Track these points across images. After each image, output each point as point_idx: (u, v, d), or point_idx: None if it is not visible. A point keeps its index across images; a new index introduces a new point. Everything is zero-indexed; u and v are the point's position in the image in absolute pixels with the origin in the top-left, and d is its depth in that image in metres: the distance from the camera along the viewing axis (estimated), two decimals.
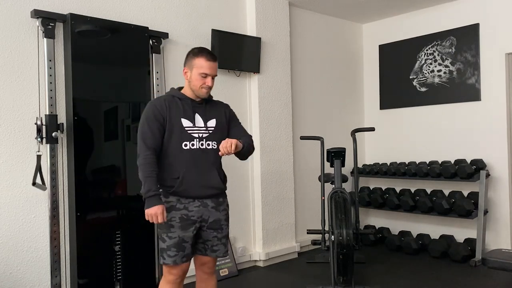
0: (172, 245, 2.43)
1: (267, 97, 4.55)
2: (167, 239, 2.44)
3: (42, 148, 3.14)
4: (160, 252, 2.50)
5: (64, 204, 3.28)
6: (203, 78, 2.48)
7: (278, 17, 4.67)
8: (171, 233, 2.44)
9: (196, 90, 2.51)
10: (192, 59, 2.50)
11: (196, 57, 2.49)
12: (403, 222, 5.33)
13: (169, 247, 2.43)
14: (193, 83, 2.50)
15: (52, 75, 3.21)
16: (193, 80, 2.49)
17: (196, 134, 2.51)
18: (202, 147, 2.50)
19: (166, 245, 2.44)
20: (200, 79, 2.48)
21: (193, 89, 2.52)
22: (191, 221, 2.47)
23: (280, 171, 4.64)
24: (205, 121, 2.55)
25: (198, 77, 2.48)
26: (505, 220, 4.59)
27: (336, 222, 3.55)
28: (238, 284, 3.97)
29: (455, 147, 4.92)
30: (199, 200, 2.50)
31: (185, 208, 2.46)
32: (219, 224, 2.56)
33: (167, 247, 2.44)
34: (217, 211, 2.56)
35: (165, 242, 2.45)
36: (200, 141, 2.50)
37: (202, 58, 2.48)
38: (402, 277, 4.00)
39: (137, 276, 3.52)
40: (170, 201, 2.47)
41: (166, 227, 2.44)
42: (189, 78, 2.51)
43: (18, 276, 3.11)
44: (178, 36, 3.98)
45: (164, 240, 2.45)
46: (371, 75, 5.78)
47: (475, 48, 4.77)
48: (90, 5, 3.44)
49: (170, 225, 2.44)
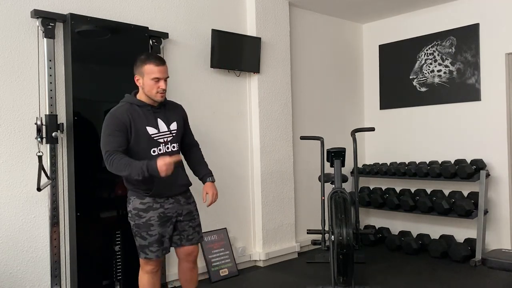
0: (153, 242, 2.66)
1: (267, 97, 4.55)
2: (148, 237, 2.66)
3: (42, 148, 3.14)
4: (139, 248, 2.71)
5: (64, 204, 3.28)
6: (156, 83, 2.61)
7: (278, 17, 4.67)
8: (151, 231, 2.66)
9: (152, 96, 2.64)
10: (141, 66, 2.64)
11: (144, 64, 2.62)
12: (403, 222, 5.33)
13: (151, 244, 2.66)
14: (147, 89, 2.63)
15: (52, 75, 3.21)
16: (146, 86, 2.63)
17: (162, 139, 2.69)
18: (168, 150, 2.70)
19: (148, 242, 2.66)
20: (153, 84, 2.61)
21: (148, 95, 2.65)
22: (167, 217, 2.71)
23: (280, 171, 4.64)
24: (168, 125, 2.73)
25: (151, 83, 2.61)
26: (505, 220, 4.59)
27: (336, 222, 3.55)
28: (238, 284, 3.97)
29: (455, 147, 4.92)
30: (172, 198, 2.74)
31: (161, 207, 2.69)
32: (191, 215, 2.84)
33: (148, 244, 2.66)
34: (188, 204, 2.84)
35: (146, 240, 2.66)
36: (166, 145, 2.70)
37: (151, 64, 2.61)
38: (402, 277, 4.00)
39: (137, 276, 3.50)
40: (147, 202, 2.67)
41: (145, 226, 2.65)
42: (142, 85, 2.65)
43: (18, 276, 3.11)
44: (178, 36, 3.98)
45: (144, 238, 2.66)
46: (371, 75, 5.78)
47: (475, 48, 4.77)
48: (90, 5, 3.44)
49: (150, 224, 2.66)
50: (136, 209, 2.67)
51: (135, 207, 2.68)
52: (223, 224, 4.26)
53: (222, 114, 4.30)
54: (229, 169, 4.35)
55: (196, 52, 4.11)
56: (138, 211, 2.67)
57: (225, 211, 4.28)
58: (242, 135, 4.48)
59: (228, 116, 4.36)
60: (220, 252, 4.14)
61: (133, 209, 2.69)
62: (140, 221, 2.66)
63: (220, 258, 4.12)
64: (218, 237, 4.16)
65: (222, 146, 4.27)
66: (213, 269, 4.04)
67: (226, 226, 4.28)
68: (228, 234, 4.26)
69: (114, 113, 2.63)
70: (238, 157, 4.44)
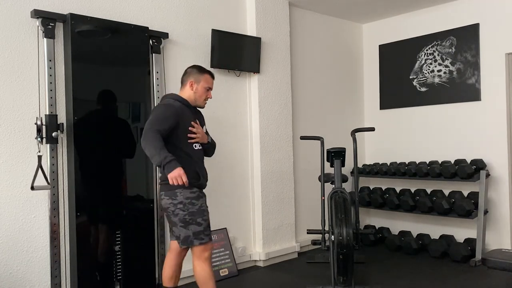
0: (207, 226, 2.89)
1: (267, 97, 4.55)
2: (203, 222, 2.87)
3: (42, 148, 3.14)
4: (195, 235, 2.83)
5: (64, 204, 3.28)
6: (206, 92, 3.04)
7: (278, 17, 4.67)
8: (205, 216, 2.90)
9: (199, 101, 3.04)
10: (200, 74, 3.03)
11: (204, 73, 3.04)
12: (403, 222, 5.33)
13: (205, 228, 2.88)
14: (198, 94, 3.02)
15: (52, 75, 3.21)
16: (199, 91, 3.01)
17: None
18: (200, 148, 3.04)
19: (203, 227, 2.87)
20: (205, 91, 3.03)
21: (197, 99, 3.02)
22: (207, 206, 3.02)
23: (280, 171, 4.64)
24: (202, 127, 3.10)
25: (203, 90, 3.03)
26: (505, 220, 4.59)
27: (336, 222, 3.55)
28: (238, 284, 3.98)
29: (455, 147, 4.92)
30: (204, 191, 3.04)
31: (204, 195, 2.99)
32: None
33: (204, 229, 2.86)
34: None
35: (201, 225, 2.86)
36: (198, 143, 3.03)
37: (209, 75, 3.07)
38: (402, 277, 4.00)
39: (137, 276, 3.52)
40: (195, 191, 2.90)
41: (199, 212, 2.87)
42: (195, 90, 3.01)
43: (18, 276, 3.11)
44: (178, 36, 3.99)
45: (200, 223, 2.85)
46: (371, 75, 5.78)
47: (475, 48, 4.77)
48: (90, 5, 3.44)
49: (203, 210, 2.90)
50: (189, 198, 2.85)
51: (187, 197, 2.84)
52: (223, 224, 4.26)
53: (222, 114, 4.30)
54: (229, 169, 4.35)
55: (196, 52, 4.11)
56: (190, 200, 2.85)
57: (225, 211, 4.28)
58: (242, 135, 4.48)
59: (228, 116, 4.36)
60: (220, 252, 4.14)
61: (185, 198, 2.84)
62: (194, 208, 2.85)
63: (220, 258, 4.13)
64: (218, 237, 4.16)
65: (222, 146, 4.26)
66: (213, 269, 4.03)
67: (226, 226, 4.28)
68: (228, 234, 4.26)
69: (172, 104, 2.91)
70: (238, 157, 4.44)
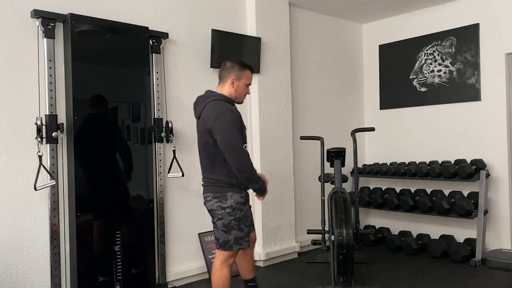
0: (248, 232, 2.81)
1: (267, 97, 4.55)
2: (246, 228, 2.79)
3: (42, 148, 3.14)
4: (236, 240, 2.76)
5: (64, 204, 3.28)
6: (246, 88, 2.91)
7: (278, 17, 4.67)
8: (248, 222, 2.82)
9: (239, 97, 2.90)
10: (242, 71, 2.86)
11: (245, 69, 2.87)
12: (403, 222, 5.33)
13: (246, 234, 2.79)
14: (239, 91, 2.87)
15: (52, 75, 3.21)
16: (240, 88, 2.87)
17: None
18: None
19: (245, 233, 2.78)
20: (245, 88, 2.89)
21: (237, 96, 2.88)
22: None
23: (280, 171, 4.64)
24: None
25: (244, 86, 2.88)
26: (505, 220, 4.59)
27: (336, 222, 3.55)
28: (238, 284, 3.97)
29: (455, 147, 4.92)
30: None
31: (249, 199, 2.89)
32: None
33: (245, 235, 2.79)
34: None
35: (243, 231, 2.78)
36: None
37: (250, 71, 2.90)
38: (402, 277, 4.00)
39: (137, 276, 3.52)
40: (244, 195, 2.83)
41: (244, 218, 2.79)
42: (236, 87, 2.86)
43: (18, 276, 3.11)
44: (178, 36, 3.99)
45: (242, 229, 2.77)
46: (371, 75, 5.78)
47: (475, 48, 4.77)
48: (90, 5, 3.44)
49: (247, 216, 2.82)
50: (239, 203, 2.76)
51: (238, 201, 2.76)
52: None
53: None
54: None
55: (196, 52, 4.11)
56: (240, 205, 2.77)
57: None
58: None
59: None
60: None
61: (235, 203, 2.75)
62: (240, 214, 2.77)
63: None
64: None
65: None
66: None
67: None
68: None
69: (233, 110, 2.78)
70: None
